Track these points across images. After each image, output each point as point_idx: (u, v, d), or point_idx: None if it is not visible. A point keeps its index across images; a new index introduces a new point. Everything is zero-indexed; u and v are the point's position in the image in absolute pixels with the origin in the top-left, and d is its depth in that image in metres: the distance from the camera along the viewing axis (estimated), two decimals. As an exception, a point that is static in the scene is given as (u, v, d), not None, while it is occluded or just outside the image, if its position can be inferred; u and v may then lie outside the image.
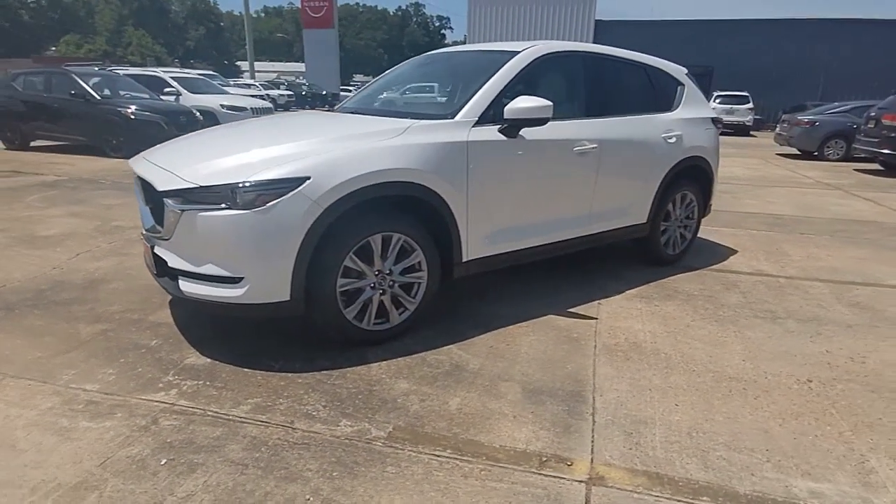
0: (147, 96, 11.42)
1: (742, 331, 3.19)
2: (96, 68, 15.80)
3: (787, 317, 3.41)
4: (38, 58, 42.67)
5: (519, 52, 3.35)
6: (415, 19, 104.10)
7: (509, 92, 3.20)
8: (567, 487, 1.88)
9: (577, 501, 1.82)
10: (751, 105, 20.22)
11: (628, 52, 4.07)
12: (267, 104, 14.46)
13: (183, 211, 2.48)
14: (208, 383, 2.49)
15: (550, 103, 3.00)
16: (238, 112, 12.66)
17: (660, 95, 4.15)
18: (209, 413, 2.26)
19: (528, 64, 3.32)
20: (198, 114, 11.28)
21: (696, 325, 3.27)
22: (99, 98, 10.48)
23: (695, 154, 4.20)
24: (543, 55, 3.41)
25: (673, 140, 4.01)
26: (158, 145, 3.26)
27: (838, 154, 12.42)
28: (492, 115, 3.08)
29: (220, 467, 1.94)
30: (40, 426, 2.14)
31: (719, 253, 4.79)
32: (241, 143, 2.87)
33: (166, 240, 2.62)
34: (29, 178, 7.50)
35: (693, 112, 4.28)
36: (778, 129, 14.15)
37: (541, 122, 3.05)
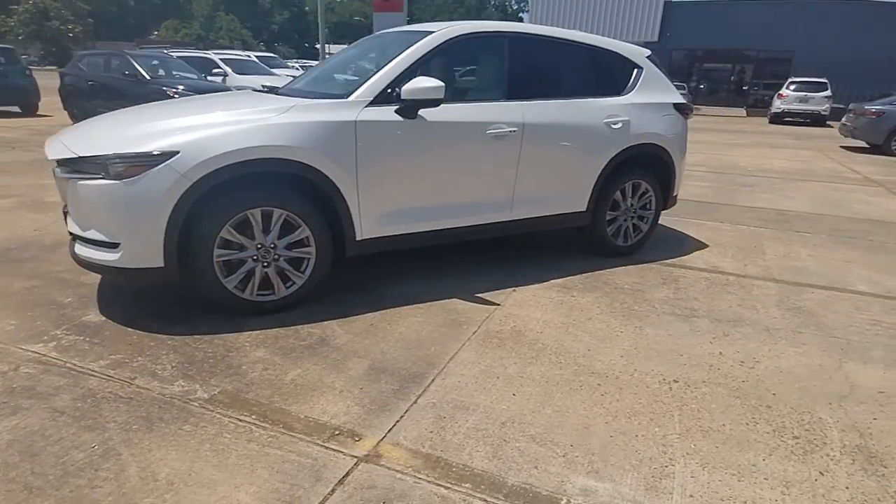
0: (195, 77, 12.10)
1: (644, 327, 3.04)
2: (164, 51, 16.88)
3: (706, 316, 3.20)
4: (141, 41, 45.91)
5: (431, 34, 3.30)
6: (493, 1, 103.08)
7: (416, 73, 3.17)
8: (336, 461, 1.91)
9: (337, 475, 1.85)
10: (828, 93, 18.55)
11: (572, 32, 3.90)
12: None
13: (67, 179, 2.68)
14: (87, 339, 2.69)
15: (441, 84, 2.96)
16: (277, 92, 13.10)
17: (606, 79, 3.95)
18: (68, 365, 2.45)
19: (438, 45, 3.27)
20: (237, 93, 11.80)
21: (599, 318, 3.14)
22: (149, 78, 11.24)
23: (648, 141, 3.98)
24: (458, 36, 3.34)
25: (618, 126, 3.81)
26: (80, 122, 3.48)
27: (907, 148, 11.22)
28: (391, 95, 3.07)
29: (39, 413, 2.12)
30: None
31: (685, 247, 4.53)
32: (139, 119, 3.04)
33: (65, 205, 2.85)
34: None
35: (650, 97, 4.04)
36: (843, 119, 12.93)
37: (434, 102, 3.02)
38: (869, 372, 2.63)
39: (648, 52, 4.22)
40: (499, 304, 3.27)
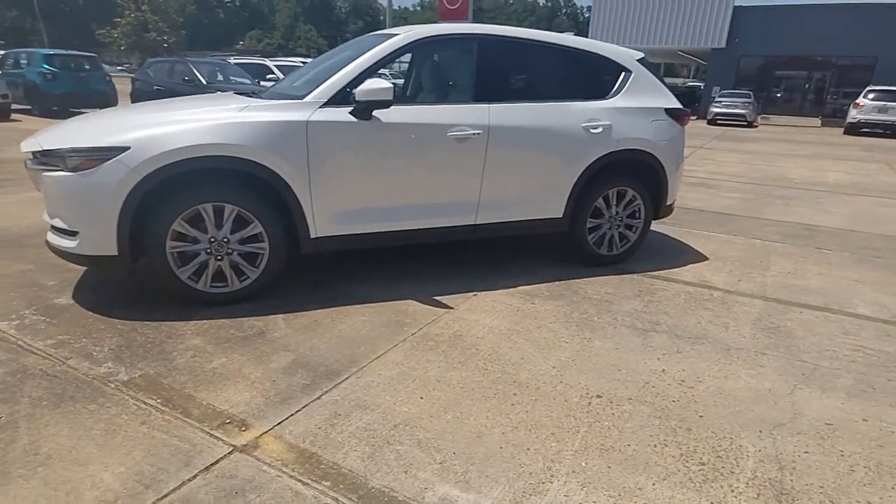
0: (248, 82, 12.72)
1: (594, 339, 2.90)
2: (226, 58, 17.88)
3: (667, 331, 3.02)
4: (228, 50, 49.11)
5: (393, 37, 3.31)
6: (564, 10, 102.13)
7: (376, 75, 3.20)
8: (213, 448, 1.95)
9: (206, 462, 1.88)
10: (912, 103, 17.02)
11: (552, 34, 3.79)
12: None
13: (34, 170, 2.89)
14: (47, 319, 2.88)
15: (390, 85, 2.97)
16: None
17: (588, 82, 3.81)
18: (18, 342, 2.64)
19: (400, 48, 3.27)
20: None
21: (550, 327, 3.03)
22: (206, 83, 11.92)
23: (634, 147, 3.81)
24: (421, 38, 3.33)
25: (598, 130, 3.67)
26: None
27: None
28: (348, 97, 3.10)
29: (-30, 383, 2.29)
30: None
31: (682, 259, 4.29)
32: (114, 117, 3.23)
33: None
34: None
35: (638, 101, 3.86)
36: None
37: (385, 104, 3.03)
38: (824, 401, 2.39)
39: (640, 54, 4.04)
40: (452, 308, 3.22)
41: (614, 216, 3.96)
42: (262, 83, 13.32)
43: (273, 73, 14.22)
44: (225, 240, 3.01)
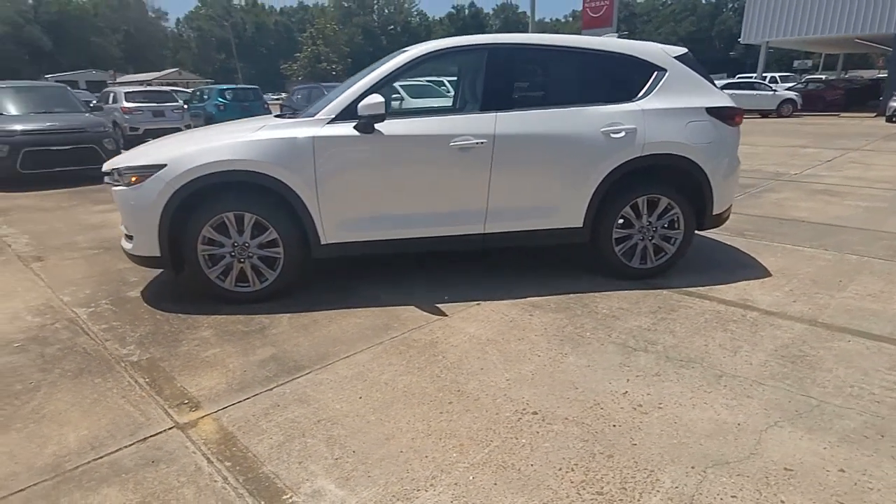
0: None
1: (569, 355, 2.76)
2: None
3: (658, 352, 2.75)
4: None
5: (404, 52, 3.47)
6: (731, 5, 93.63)
7: (384, 90, 3.39)
8: (159, 422, 2.26)
9: (147, 434, 2.19)
10: None
11: (571, 37, 3.64)
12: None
13: (108, 184, 3.54)
14: (113, 309, 3.51)
15: (381, 100, 3.13)
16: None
17: (611, 84, 3.58)
18: (82, 326, 3.26)
19: (406, 63, 3.42)
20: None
21: (531, 339, 2.94)
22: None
23: (665, 151, 3.52)
24: (428, 52, 3.44)
25: (620, 135, 3.45)
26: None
27: None
28: (354, 112, 3.32)
29: (30, 353, 2.89)
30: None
31: (736, 274, 3.81)
32: (167, 140, 3.81)
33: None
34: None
35: (672, 102, 3.55)
36: None
37: (379, 118, 3.19)
38: (802, 444, 2.03)
39: (682, 51, 3.71)
40: (447, 316, 3.27)
41: (646, 226, 3.67)
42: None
43: (398, 92, 15.13)
44: (245, 244, 3.40)
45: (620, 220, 3.64)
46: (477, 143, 3.37)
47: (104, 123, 9.37)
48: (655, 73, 3.62)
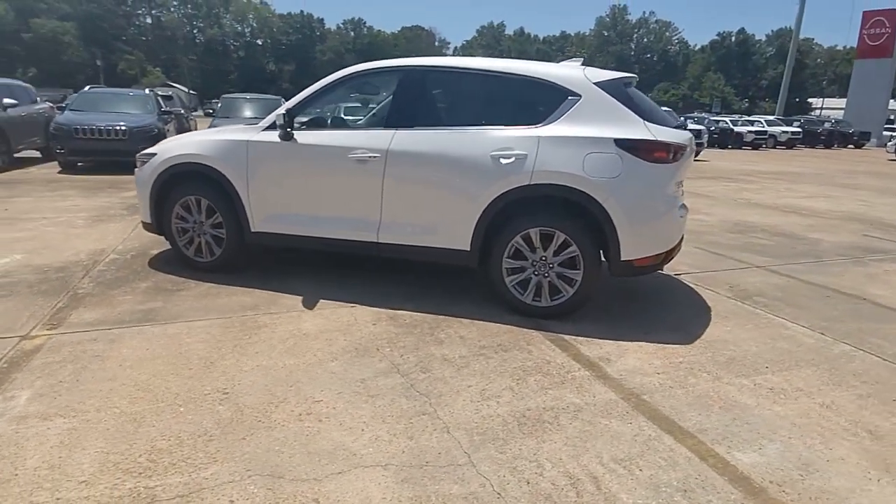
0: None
1: (335, 360, 2.82)
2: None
3: (413, 382, 2.62)
4: None
5: (331, 75, 3.86)
6: None
7: (309, 106, 3.87)
8: (25, 329, 3.10)
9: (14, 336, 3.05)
10: None
11: (487, 61, 3.56)
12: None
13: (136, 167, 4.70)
14: (120, 268, 4.64)
15: (282, 112, 3.59)
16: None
17: (516, 108, 3.39)
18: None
19: (329, 83, 3.81)
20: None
21: (341, 342, 3.05)
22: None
23: (557, 182, 3.22)
24: (349, 74, 3.78)
25: (510, 160, 3.28)
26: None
27: None
28: (283, 122, 3.84)
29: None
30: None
31: (650, 334, 3.21)
32: (176, 137, 4.80)
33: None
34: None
35: (577, 130, 3.21)
36: None
37: (282, 126, 3.66)
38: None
39: (611, 76, 3.29)
40: (309, 311, 3.54)
41: (539, 261, 3.37)
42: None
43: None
44: (201, 223, 4.19)
45: (512, 250, 3.42)
46: (371, 156, 3.57)
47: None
48: (567, 98, 3.31)
